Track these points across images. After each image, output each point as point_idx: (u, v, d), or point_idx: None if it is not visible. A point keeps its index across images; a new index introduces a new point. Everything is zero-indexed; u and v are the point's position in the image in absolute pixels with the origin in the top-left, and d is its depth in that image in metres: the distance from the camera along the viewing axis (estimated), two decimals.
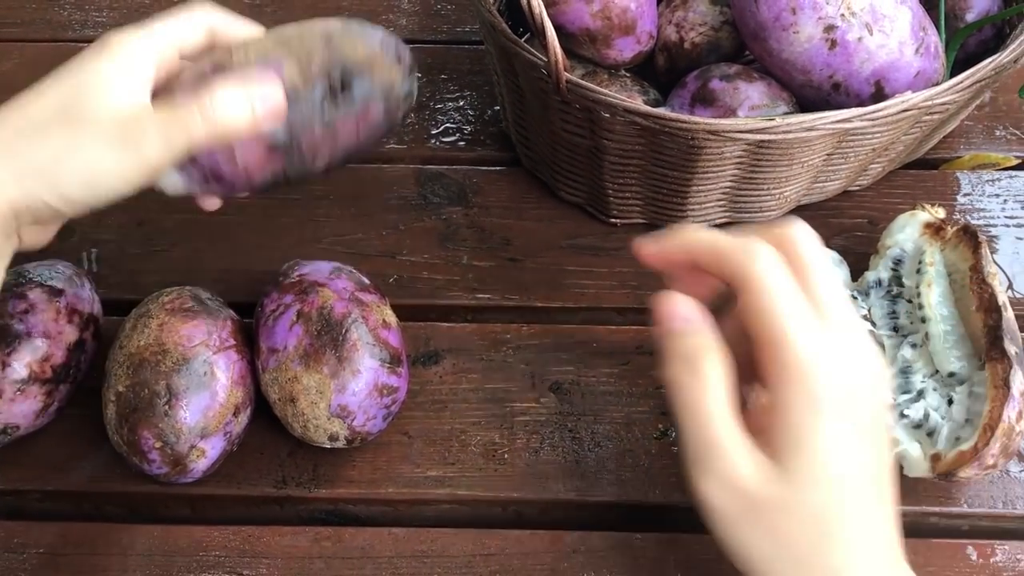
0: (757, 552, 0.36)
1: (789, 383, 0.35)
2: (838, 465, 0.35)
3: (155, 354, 0.48)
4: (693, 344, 0.36)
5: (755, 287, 0.35)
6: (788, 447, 0.35)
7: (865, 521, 0.36)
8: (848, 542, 0.35)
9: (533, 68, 0.53)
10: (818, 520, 0.35)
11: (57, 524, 0.50)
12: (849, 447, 0.35)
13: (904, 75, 0.54)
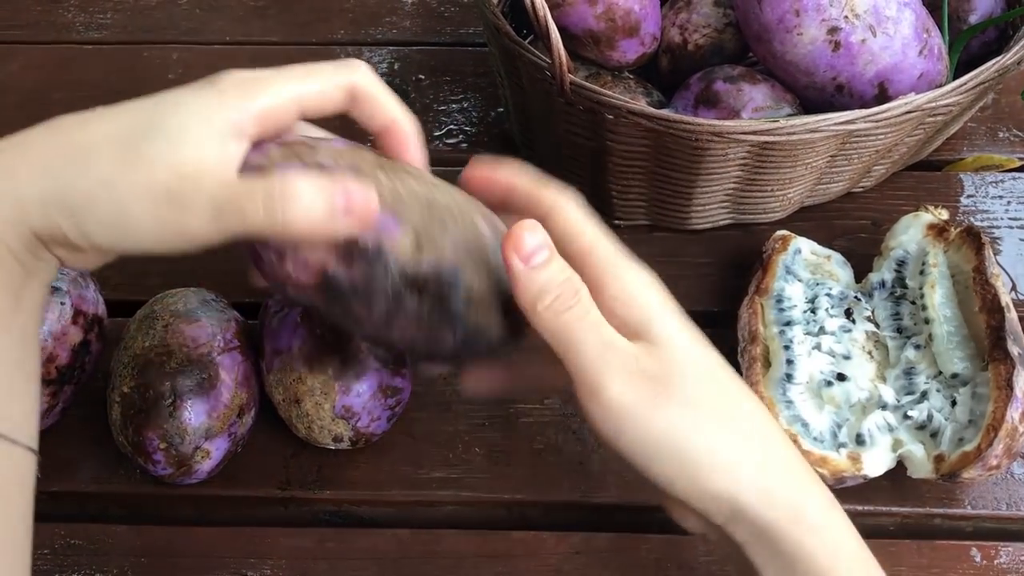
0: (679, 430, 0.35)
1: (622, 271, 0.37)
2: (686, 322, 0.37)
3: (160, 355, 0.48)
4: (559, 270, 0.35)
5: (568, 214, 0.38)
6: (650, 319, 0.36)
7: (738, 377, 0.39)
8: (744, 396, 0.38)
9: (537, 70, 0.53)
10: (715, 378, 0.37)
11: (62, 525, 0.50)
12: (680, 310, 0.38)
13: (908, 77, 0.54)
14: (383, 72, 0.75)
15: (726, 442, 0.36)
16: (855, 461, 0.48)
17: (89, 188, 0.33)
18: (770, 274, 0.55)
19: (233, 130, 0.34)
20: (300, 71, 0.37)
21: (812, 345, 0.52)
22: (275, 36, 0.79)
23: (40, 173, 0.33)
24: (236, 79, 0.35)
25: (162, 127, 0.34)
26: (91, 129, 0.34)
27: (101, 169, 0.33)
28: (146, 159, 0.33)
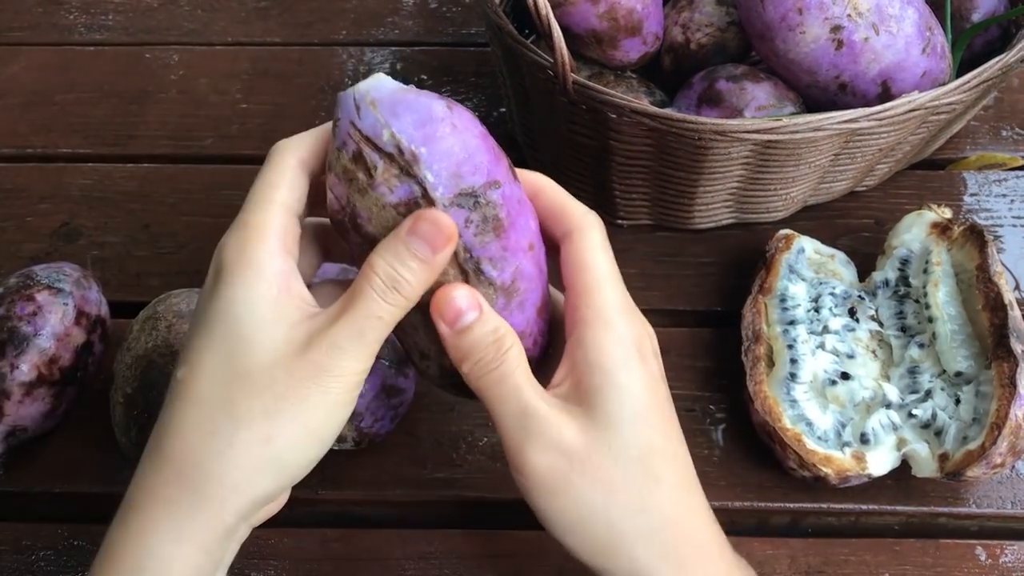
0: (590, 506, 0.35)
1: (599, 327, 0.36)
2: (647, 400, 0.36)
3: (163, 356, 0.48)
4: (487, 330, 0.35)
5: (587, 243, 0.37)
6: (597, 387, 0.35)
7: (683, 459, 0.37)
8: (673, 482, 0.36)
9: (539, 69, 0.53)
10: (641, 460, 0.35)
11: (65, 526, 0.50)
12: (653, 386, 0.36)
13: (911, 75, 0.54)
14: (385, 72, 0.75)
15: (632, 528, 0.35)
16: (859, 460, 0.48)
17: (256, 458, 0.34)
18: (773, 273, 0.55)
19: (285, 309, 0.34)
20: (263, 188, 0.36)
21: (816, 344, 0.52)
22: (277, 37, 0.79)
23: (216, 474, 0.34)
24: (236, 255, 0.34)
25: (251, 347, 0.34)
26: (199, 410, 0.34)
27: (254, 433, 0.33)
28: (277, 385, 0.33)
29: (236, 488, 0.33)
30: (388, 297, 0.34)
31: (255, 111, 0.72)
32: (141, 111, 0.72)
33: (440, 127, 0.34)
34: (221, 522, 0.34)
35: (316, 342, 0.33)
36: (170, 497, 0.33)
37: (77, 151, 0.70)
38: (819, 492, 0.50)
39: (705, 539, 0.37)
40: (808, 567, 0.48)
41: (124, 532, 0.34)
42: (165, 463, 0.34)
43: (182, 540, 0.33)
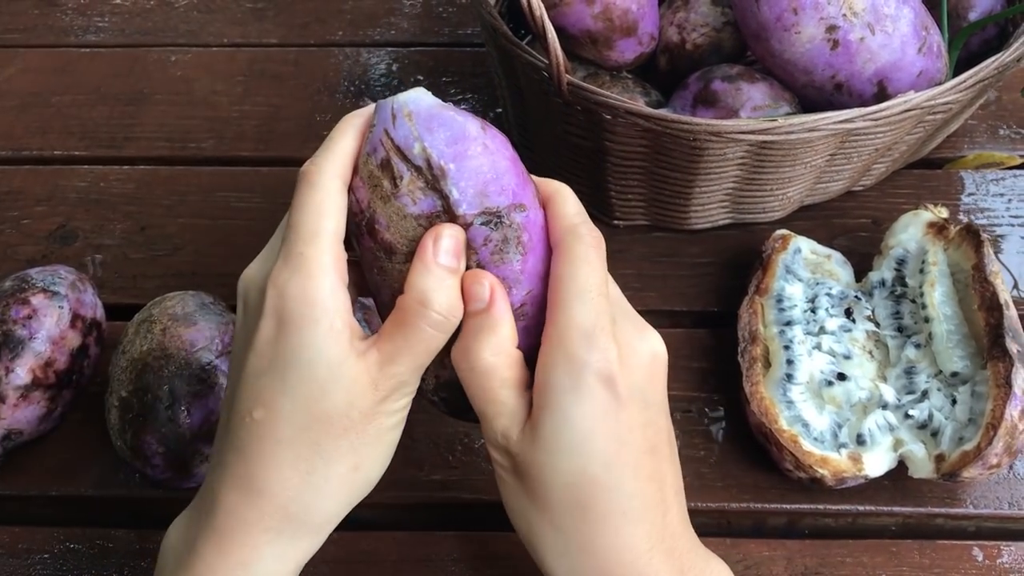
0: (522, 507, 0.37)
1: (556, 346, 0.35)
2: (593, 429, 0.35)
3: (158, 359, 0.48)
4: (478, 325, 0.36)
5: (569, 255, 0.36)
6: (542, 409, 0.35)
7: (627, 490, 0.36)
8: (601, 514, 0.35)
9: (534, 70, 0.53)
10: (570, 488, 0.35)
11: (61, 529, 0.50)
12: (607, 413, 0.35)
13: (907, 75, 0.54)
14: (381, 73, 0.75)
15: (550, 543, 0.36)
16: (856, 461, 0.48)
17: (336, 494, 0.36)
18: (770, 274, 0.55)
19: (350, 354, 0.35)
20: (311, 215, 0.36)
21: (812, 345, 0.52)
22: (273, 38, 0.78)
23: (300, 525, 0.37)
24: (299, 293, 0.34)
25: (318, 390, 0.35)
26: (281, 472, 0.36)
27: (337, 472, 0.36)
28: (344, 423, 0.35)
29: (336, 513, 0.37)
30: (443, 328, 0.35)
31: (252, 113, 0.72)
32: (137, 113, 0.72)
33: (472, 146, 0.35)
34: (319, 543, 0.38)
35: (382, 382, 0.35)
36: (276, 529, 0.36)
37: (73, 153, 0.70)
38: (816, 493, 0.50)
39: (623, 572, 0.36)
40: (805, 568, 0.48)
41: (225, 557, 0.36)
42: (265, 500, 0.35)
43: (287, 561, 0.37)
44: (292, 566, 0.37)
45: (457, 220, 0.35)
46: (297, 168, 0.72)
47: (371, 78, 0.74)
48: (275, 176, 0.67)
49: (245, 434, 0.35)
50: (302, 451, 0.35)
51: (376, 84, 0.74)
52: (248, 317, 0.36)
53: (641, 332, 0.38)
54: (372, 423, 0.35)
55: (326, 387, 0.34)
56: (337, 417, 0.35)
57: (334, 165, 0.36)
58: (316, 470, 0.35)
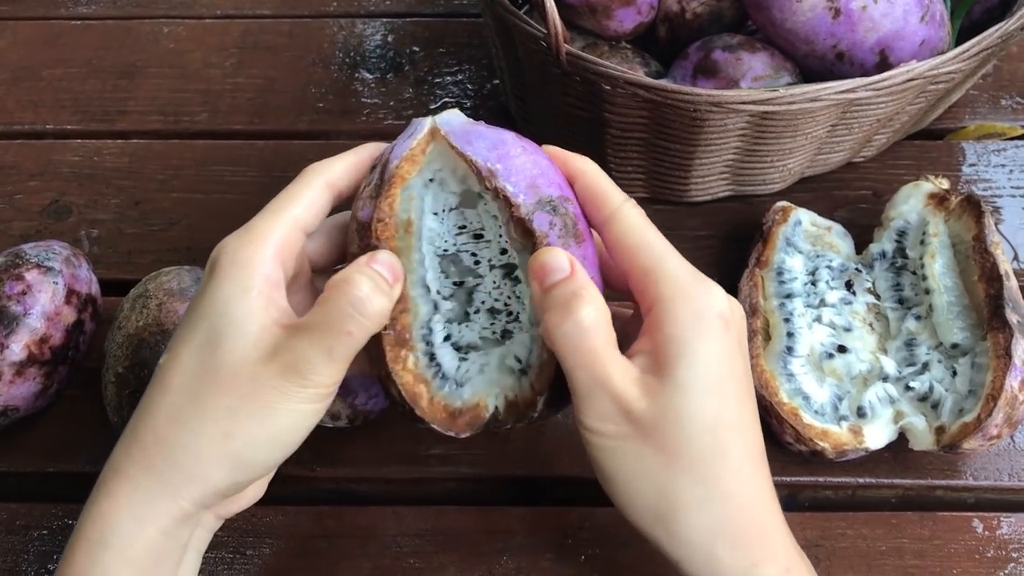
0: (645, 468, 0.35)
1: (672, 299, 0.36)
2: (723, 371, 0.35)
3: (154, 335, 0.47)
4: (568, 291, 0.35)
5: (635, 223, 0.37)
6: (673, 357, 0.35)
7: (753, 434, 0.37)
8: (740, 456, 0.36)
9: (532, 40, 0.52)
10: (711, 431, 0.35)
11: (59, 505, 0.50)
12: (731, 356, 0.36)
13: (909, 44, 0.54)
14: (376, 44, 0.74)
15: (689, 497, 0.35)
16: (856, 434, 0.48)
17: (228, 456, 0.35)
18: (770, 246, 0.54)
19: (259, 314, 0.35)
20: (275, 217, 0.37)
21: (813, 317, 0.51)
22: (266, 9, 0.77)
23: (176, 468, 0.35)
24: (231, 254, 0.36)
25: (226, 349, 0.35)
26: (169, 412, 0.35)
27: (220, 428, 0.35)
28: (237, 383, 0.35)
29: (194, 477, 0.35)
30: (361, 308, 0.35)
31: (245, 85, 0.71)
32: (130, 86, 0.71)
33: (512, 148, 0.38)
34: (178, 507, 0.35)
35: (283, 351, 0.35)
36: (134, 478, 0.35)
37: (65, 127, 0.69)
38: (816, 466, 0.50)
39: (766, 521, 0.36)
40: (805, 541, 0.48)
41: (92, 509, 0.36)
42: (136, 445, 0.35)
43: (142, 520, 0.35)
44: (150, 530, 0.35)
45: (519, 211, 0.37)
46: (291, 141, 0.71)
47: (366, 49, 0.73)
48: (269, 149, 0.67)
49: (151, 381, 0.36)
50: (179, 398, 0.35)
51: (371, 56, 0.73)
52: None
53: (720, 290, 0.38)
54: (258, 394, 0.34)
55: (222, 339, 0.35)
56: (223, 373, 0.34)
57: (327, 168, 0.39)
58: (186, 421, 0.35)
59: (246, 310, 0.35)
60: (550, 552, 0.48)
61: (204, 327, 0.35)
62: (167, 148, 0.67)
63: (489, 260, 0.39)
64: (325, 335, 0.35)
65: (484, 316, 0.40)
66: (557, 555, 0.48)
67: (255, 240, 0.36)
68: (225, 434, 0.35)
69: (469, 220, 0.39)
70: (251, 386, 0.34)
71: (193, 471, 0.35)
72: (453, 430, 0.39)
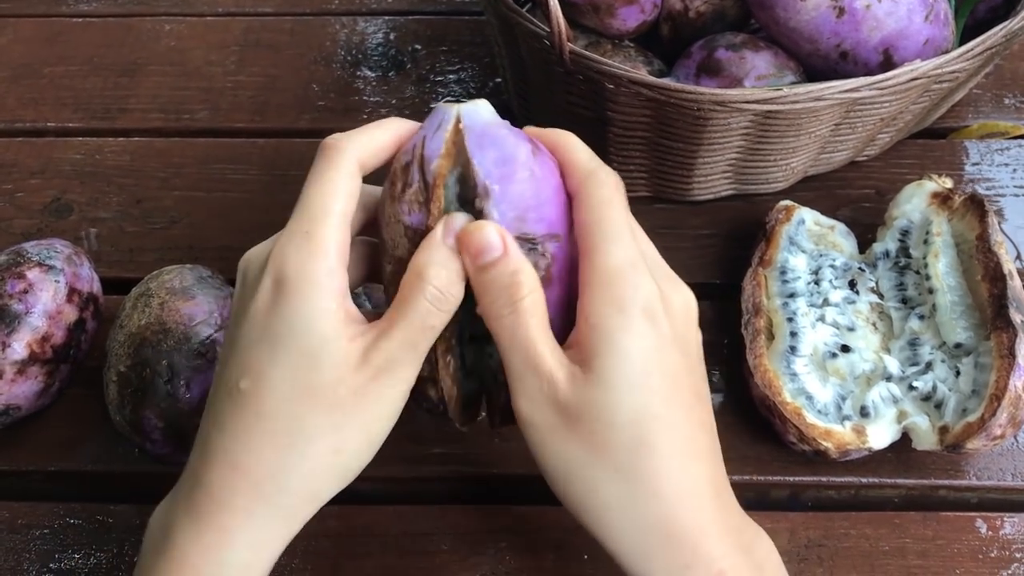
0: (575, 463, 0.35)
1: (599, 287, 0.35)
2: (647, 364, 0.34)
3: (156, 333, 0.47)
4: (505, 272, 0.35)
5: (593, 199, 0.36)
6: (596, 349, 0.34)
7: (685, 430, 0.35)
8: (667, 452, 0.35)
9: (535, 39, 0.52)
10: (633, 425, 0.34)
11: (61, 504, 0.50)
12: (659, 350, 0.35)
13: (913, 43, 0.53)
14: (378, 43, 0.74)
15: (616, 493, 0.34)
16: (860, 434, 0.48)
17: (324, 466, 0.35)
18: (773, 245, 0.54)
19: (343, 328, 0.35)
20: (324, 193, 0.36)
21: (816, 317, 0.51)
22: (268, 7, 0.77)
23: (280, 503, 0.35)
24: (299, 267, 0.35)
25: (312, 370, 0.34)
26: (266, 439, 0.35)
27: (323, 451, 0.35)
28: (331, 404, 0.35)
29: (310, 498, 0.35)
30: (441, 304, 0.35)
31: (247, 83, 0.71)
32: (131, 84, 0.71)
33: (519, 171, 0.36)
34: (293, 530, 0.36)
35: (372, 357, 0.34)
36: (248, 509, 0.35)
37: (67, 125, 0.69)
38: (819, 466, 0.50)
39: (699, 519, 0.35)
40: (808, 541, 0.48)
41: (198, 540, 0.35)
42: (239, 475, 0.35)
43: (259, 548, 0.35)
44: (265, 556, 0.35)
45: None
46: (293, 140, 0.71)
47: (368, 47, 0.73)
48: (271, 148, 0.66)
49: (230, 406, 0.35)
50: (282, 424, 0.34)
51: (373, 53, 0.73)
52: (246, 289, 0.36)
53: (673, 282, 0.37)
54: (360, 404, 0.35)
55: (316, 360, 0.34)
56: (323, 392, 0.34)
57: (356, 146, 0.37)
58: (295, 446, 0.34)
59: (332, 328, 0.34)
60: (552, 551, 0.48)
61: (290, 349, 0.34)
62: (168, 146, 0.67)
63: None
64: (410, 331, 0.35)
65: None
66: (559, 554, 0.48)
67: (319, 252, 0.35)
68: (334, 450, 0.35)
69: None
70: (354, 399, 0.34)
71: (309, 492, 0.35)
72: (465, 425, 0.41)
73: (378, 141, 0.38)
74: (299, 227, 0.35)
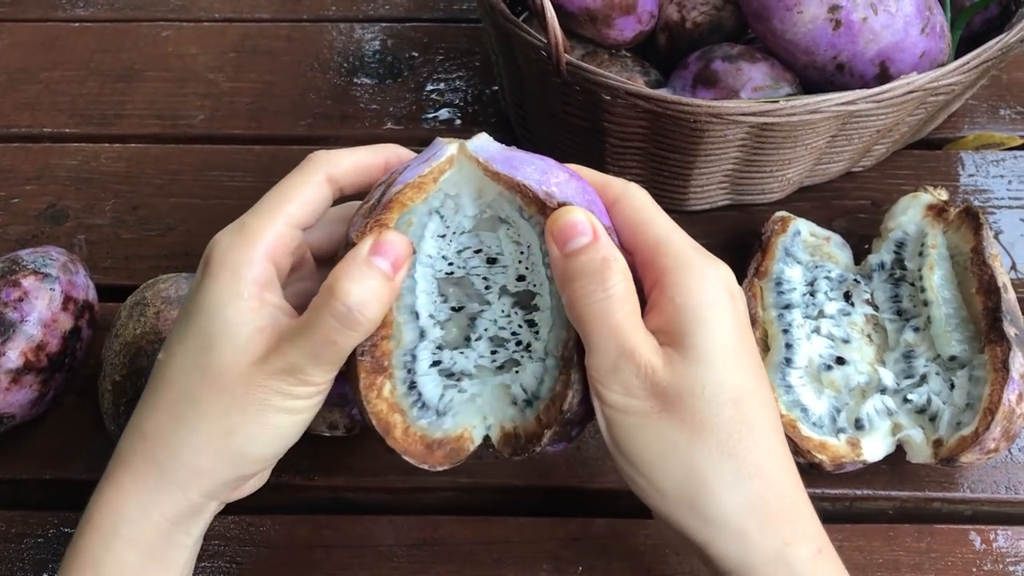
0: (674, 446, 0.34)
1: (679, 270, 0.35)
2: (737, 341, 0.35)
3: (151, 343, 0.47)
4: (597, 258, 0.34)
5: (639, 203, 0.37)
6: (689, 327, 0.34)
7: (775, 407, 0.36)
8: (765, 429, 0.35)
9: (532, 49, 0.52)
10: (734, 403, 0.34)
11: (55, 513, 0.50)
12: (740, 328, 0.35)
13: (909, 55, 0.54)
14: (375, 50, 0.74)
15: (717, 473, 0.34)
16: (854, 447, 0.48)
17: (220, 446, 0.35)
18: (769, 256, 0.54)
19: (250, 316, 0.35)
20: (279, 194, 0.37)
21: (811, 329, 0.51)
22: (265, 13, 0.77)
23: (176, 466, 0.36)
24: (222, 254, 0.36)
25: (219, 351, 0.35)
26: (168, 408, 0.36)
27: (215, 427, 0.35)
28: (232, 384, 0.35)
29: (199, 472, 0.36)
30: (346, 322, 0.34)
31: (244, 89, 0.71)
32: (128, 89, 0.71)
33: (560, 173, 0.37)
34: (186, 499, 0.36)
35: (274, 355, 0.35)
36: (141, 471, 0.36)
37: (63, 131, 0.69)
38: (814, 477, 0.50)
39: (796, 496, 0.35)
40: None
41: (100, 499, 0.36)
42: (139, 439, 0.36)
43: (151, 509, 0.36)
44: (159, 519, 0.36)
45: None
46: (289, 147, 0.71)
47: (365, 54, 0.73)
48: (268, 155, 0.66)
49: (151, 375, 0.37)
50: (178, 396, 0.35)
51: (370, 61, 0.73)
52: None
53: (725, 267, 0.37)
54: (252, 393, 0.35)
55: (214, 341, 0.35)
56: (217, 372, 0.35)
57: (331, 160, 0.38)
58: (186, 419, 0.35)
59: (237, 313, 0.35)
60: (547, 563, 0.48)
61: (197, 328, 0.35)
62: (165, 152, 0.67)
63: (502, 286, 0.38)
64: (311, 342, 0.34)
65: (484, 344, 0.38)
66: (554, 566, 0.48)
67: (246, 240, 0.36)
68: (225, 431, 0.35)
69: (485, 243, 0.38)
70: (245, 387, 0.35)
71: (197, 466, 0.36)
72: (428, 463, 0.38)
73: (359, 160, 0.39)
74: (245, 219, 0.36)
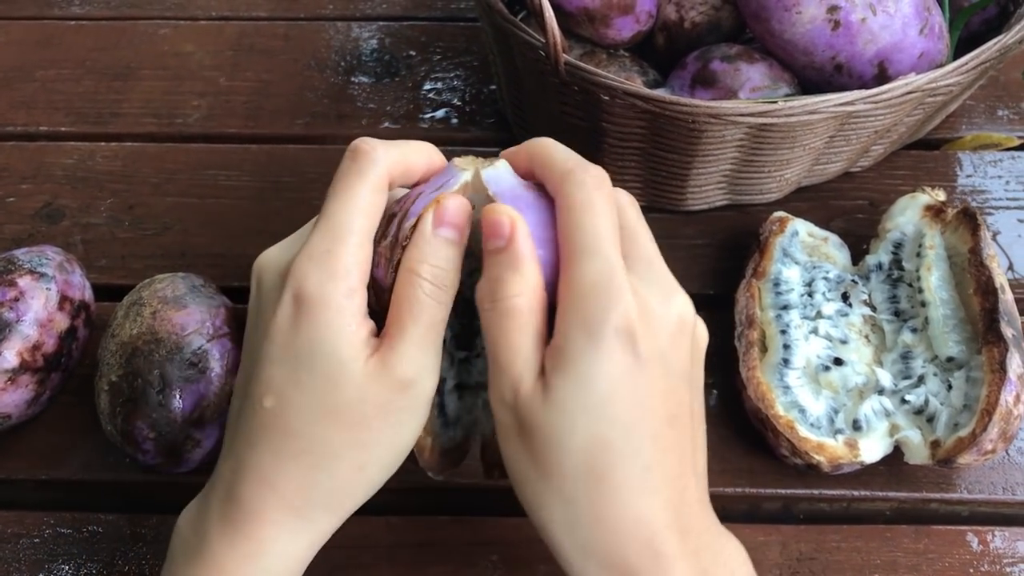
0: (524, 473, 0.35)
1: (570, 305, 0.33)
2: (611, 391, 0.33)
3: (148, 343, 0.47)
4: (503, 265, 0.34)
5: (568, 204, 0.35)
6: (555, 369, 0.33)
7: (645, 459, 0.33)
8: (617, 483, 0.33)
9: (530, 49, 0.52)
10: (583, 452, 0.33)
11: (51, 513, 0.50)
12: (629, 375, 0.33)
13: (908, 56, 0.54)
14: (373, 48, 0.73)
15: (554, 515, 0.35)
16: (852, 448, 0.48)
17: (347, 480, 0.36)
18: (767, 257, 0.54)
19: (363, 348, 0.35)
20: (350, 209, 0.36)
21: (809, 329, 0.51)
22: (262, 11, 0.77)
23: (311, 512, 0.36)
24: (318, 288, 0.34)
25: (335, 386, 0.34)
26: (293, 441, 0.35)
27: (348, 460, 0.36)
28: (357, 418, 0.35)
29: (336, 511, 0.37)
30: (438, 296, 0.35)
31: (240, 88, 0.71)
32: (124, 88, 0.71)
33: (554, 233, 0.35)
34: (321, 535, 0.37)
35: (389, 370, 0.34)
36: (279, 522, 0.36)
37: (59, 129, 0.68)
38: (811, 478, 0.50)
39: (653, 548, 0.33)
40: (799, 553, 0.48)
41: (232, 549, 0.36)
42: (269, 490, 0.35)
43: (289, 558, 0.36)
44: (294, 565, 0.37)
45: None
46: (286, 146, 0.71)
47: (362, 53, 0.73)
48: (264, 154, 0.66)
49: (257, 424, 0.35)
50: (308, 445, 0.35)
51: (367, 60, 0.73)
52: (263, 302, 0.36)
53: (666, 294, 0.35)
54: (387, 419, 0.35)
55: (338, 382, 0.34)
56: (347, 412, 0.34)
57: (390, 159, 0.36)
58: (321, 466, 0.35)
59: (350, 348, 0.34)
60: (544, 563, 0.48)
61: (312, 370, 0.34)
62: (161, 151, 0.67)
63: None
64: (416, 338, 0.35)
65: (483, 360, 0.39)
66: (551, 566, 0.47)
67: (340, 272, 0.34)
68: (360, 466, 0.36)
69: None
70: (375, 416, 0.35)
71: (334, 506, 0.36)
72: (443, 474, 0.40)
73: (411, 161, 0.37)
74: (321, 244, 0.35)
